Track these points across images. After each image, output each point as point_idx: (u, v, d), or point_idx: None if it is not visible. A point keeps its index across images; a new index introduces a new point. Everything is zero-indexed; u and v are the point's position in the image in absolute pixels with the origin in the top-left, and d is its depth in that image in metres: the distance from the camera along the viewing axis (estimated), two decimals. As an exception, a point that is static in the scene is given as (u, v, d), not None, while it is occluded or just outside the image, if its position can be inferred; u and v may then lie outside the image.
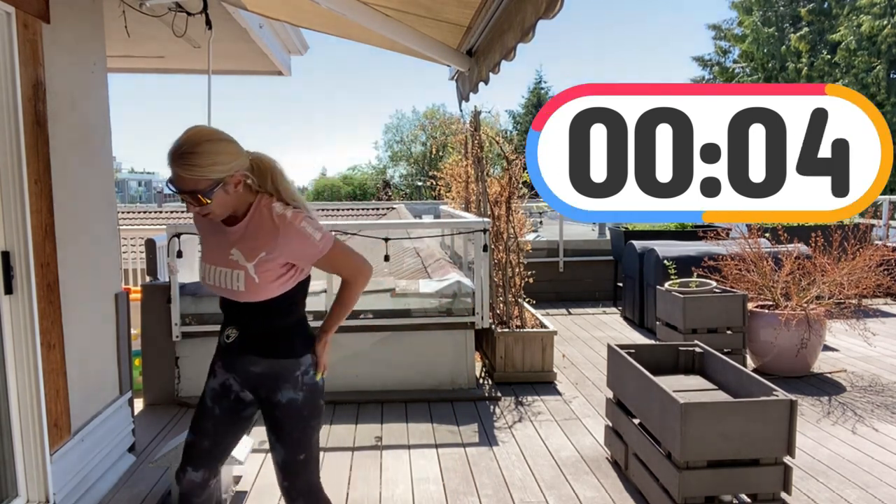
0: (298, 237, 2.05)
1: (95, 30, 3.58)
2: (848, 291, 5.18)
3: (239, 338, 2.14)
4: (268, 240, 2.03)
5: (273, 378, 2.14)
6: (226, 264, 2.08)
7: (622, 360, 3.56)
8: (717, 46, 31.92)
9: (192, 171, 1.92)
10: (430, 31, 3.99)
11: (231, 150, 2.00)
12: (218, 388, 2.23)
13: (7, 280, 2.70)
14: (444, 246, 8.05)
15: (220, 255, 2.10)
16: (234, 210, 2.06)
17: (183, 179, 1.93)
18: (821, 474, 3.52)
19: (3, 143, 2.66)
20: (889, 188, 23.31)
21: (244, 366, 2.16)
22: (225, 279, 2.08)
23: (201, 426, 2.24)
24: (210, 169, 1.93)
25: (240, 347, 2.15)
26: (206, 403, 2.24)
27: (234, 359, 2.18)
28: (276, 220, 2.04)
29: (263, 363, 2.14)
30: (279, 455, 2.20)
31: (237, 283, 2.06)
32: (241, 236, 2.07)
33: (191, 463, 2.24)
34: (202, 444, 2.24)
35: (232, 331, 2.15)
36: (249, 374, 2.16)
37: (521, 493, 3.36)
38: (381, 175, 44.78)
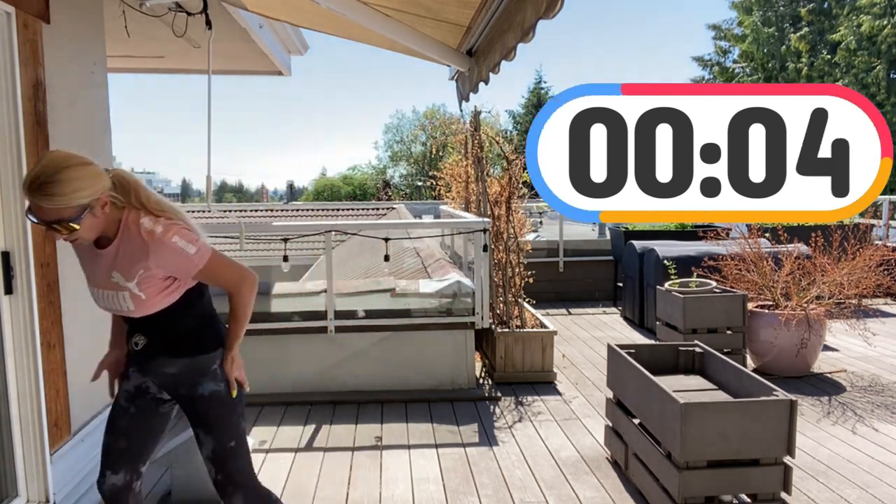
0: (170, 252, 2.01)
1: (95, 30, 3.58)
2: (848, 291, 5.18)
3: (147, 343, 2.15)
4: (141, 257, 2.00)
5: (190, 375, 2.16)
6: (109, 287, 2.06)
7: (622, 360, 3.56)
8: (717, 46, 31.92)
9: (55, 200, 1.84)
10: (430, 31, 3.99)
11: (92, 172, 1.92)
12: (132, 390, 2.21)
13: (7, 280, 2.70)
14: (444, 246, 8.05)
15: (102, 278, 2.06)
16: (104, 231, 2.00)
17: (45, 210, 1.86)
18: (821, 474, 3.52)
19: (3, 143, 2.66)
20: (889, 188, 23.34)
21: (159, 368, 2.17)
22: (113, 301, 2.07)
23: (116, 426, 2.22)
24: (74, 196, 1.86)
25: (150, 352, 2.16)
26: (121, 404, 2.22)
27: (147, 363, 2.18)
28: (145, 237, 1.99)
29: (177, 363, 2.16)
30: (208, 447, 2.19)
31: (125, 303, 2.06)
32: (115, 257, 2.03)
33: (109, 467, 2.20)
34: (118, 444, 2.21)
35: (139, 338, 2.15)
36: (165, 375, 2.18)
37: (521, 493, 3.36)
38: (381, 175, 44.79)
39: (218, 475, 2.20)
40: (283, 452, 3.89)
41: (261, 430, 4.21)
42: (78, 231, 1.92)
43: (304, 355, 4.87)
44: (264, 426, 4.29)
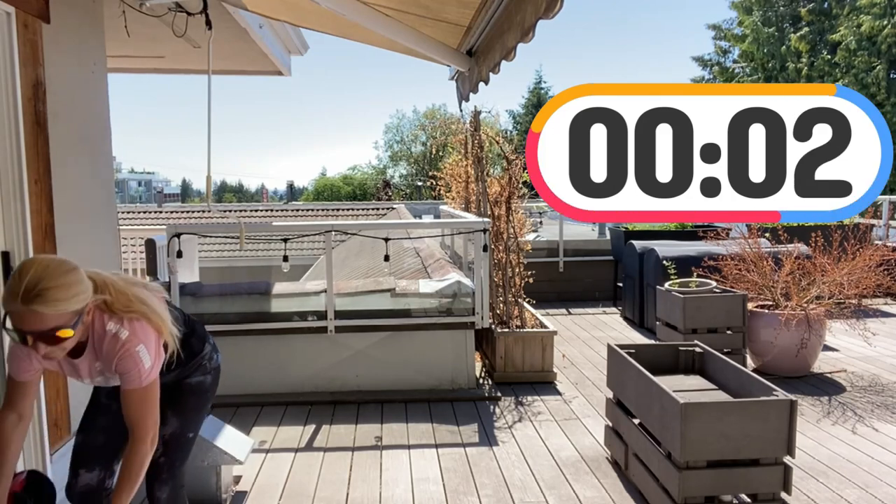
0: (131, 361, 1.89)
1: (95, 30, 3.58)
2: (848, 291, 5.18)
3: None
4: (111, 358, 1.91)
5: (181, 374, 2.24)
6: (99, 374, 2.00)
7: (622, 360, 3.56)
8: (717, 46, 31.92)
9: (56, 305, 1.71)
10: (430, 31, 3.99)
11: (82, 275, 1.81)
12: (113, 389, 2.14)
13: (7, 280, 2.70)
14: (444, 246, 8.05)
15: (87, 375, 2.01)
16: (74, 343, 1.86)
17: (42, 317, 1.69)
18: (821, 474, 3.52)
19: (3, 143, 2.66)
20: (889, 188, 23.33)
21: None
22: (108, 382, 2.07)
23: (96, 423, 2.19)
24: (74, 300, 1.75)
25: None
26: (101, 401, 2.20)
27: None
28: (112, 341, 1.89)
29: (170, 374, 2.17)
30: (171, 427, 2.20)
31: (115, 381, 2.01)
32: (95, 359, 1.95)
33: (84, 465, 2.17)
34: (96, 440, 2.18)
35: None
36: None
37: (521, 493, 3.36)
38: (381, 175, 44.80)
39: (162, 457, 2.19)
40: (283, 452, 3.89)
41: (261, 430, 4.21)
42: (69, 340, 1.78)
43: (304, 355, 4.87)
44: (264, 426, 4.29)
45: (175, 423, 2.21)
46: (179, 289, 4.66)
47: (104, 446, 2.20)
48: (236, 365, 4.75)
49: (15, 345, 1.85)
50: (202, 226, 7.02)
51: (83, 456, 2.18)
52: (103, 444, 2.19)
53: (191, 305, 4.79)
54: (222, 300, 5.02)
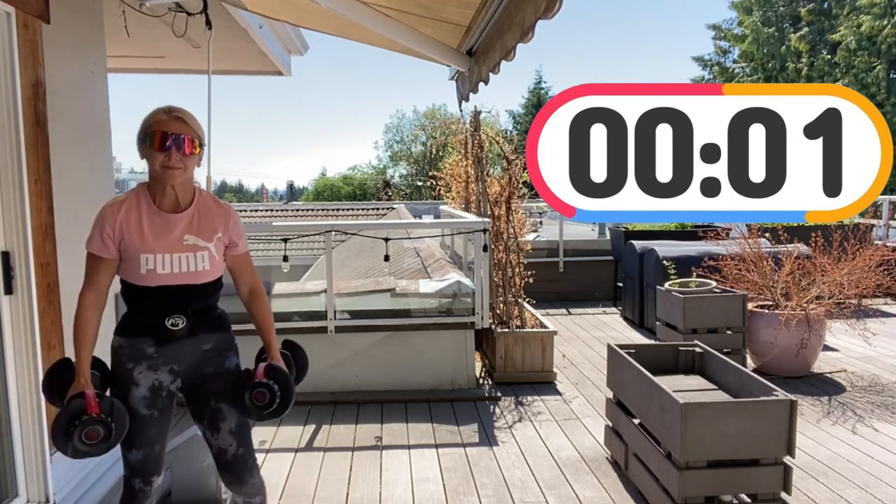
0: (240, 225, 2.30)
1: (95, 30, 3.58)
2: (848, 291, 5.18)
3: (188, 322, 2.19)
4: (220, 221, 2.22)
5: (221, 350, 2.29)
6: (183, 249, 2.15)
7: (622, 360, 3.56)
8: (717, 46, 31.92)
9: (193, 120, 2.14)
10: (430, 31, 3.99)
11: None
12: (148, 395, 2.19)
13: (7, 280, 2.70)
14: (444, 246, 8.05)
15: (171, 242, 2.15)
16: (181, 193, 2.17)
17: (182, 124, 2.09)
18: (821, 474, 3.52)
19: (3, 143, 2.66)
20: (889, 188, 23.29)
21: (194, 347, 2.23)
22: (185, 263, 2.15)
23: (148, 435, 2.21)
24: (198, 128, 2.16)
25: (192, 330, 2.20)
26: (142, 412, 2.19)
27: (180, 345, 2.20)
28: (224, 206, 2.27)
29: (215, 337, 2.27)
30: (232, 420, 2.26)
31: (202, 263, 2.17)
32: (192, 221, 2.18)
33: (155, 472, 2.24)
34: (155, 449, 2.23)
35: (177, 318, 2.17)
36: (198, 354, 2.24)
37: (521, 493, 3.36)
38: (381, 175, 44.80)
39: (239, 448, 2.26)
40: (283, 452, 3.89)
41: (261, 430, 4.21)
42: (187, 161, 2.11)
43: (304, 355, 4.86)
44: (264, 426, 4.29)
45: (234, 415, 2.27)
46: (179, 289, 4.65)
47: (161, 452, 2.27)
48: (236, 365, 4.76)
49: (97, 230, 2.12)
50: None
51: (152, 467, 2.24)
52: (160, 450, 2.26)
53: (191, 305, 4.79)
54: (222, 300, 5.01)
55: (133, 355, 2.19)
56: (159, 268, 2.13)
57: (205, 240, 2.18)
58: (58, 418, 2.02)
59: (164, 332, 2.17)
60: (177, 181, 2.13)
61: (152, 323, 2.17)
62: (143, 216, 2.14)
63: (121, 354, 2.21)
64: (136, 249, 2.12)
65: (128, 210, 2.13)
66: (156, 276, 2.14)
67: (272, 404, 2.20)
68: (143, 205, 2.15)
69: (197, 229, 2.17)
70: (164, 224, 2.14)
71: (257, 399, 2.19)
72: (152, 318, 2.17)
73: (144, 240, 2.13)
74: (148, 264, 2.13)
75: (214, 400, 2.25)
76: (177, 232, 2.15)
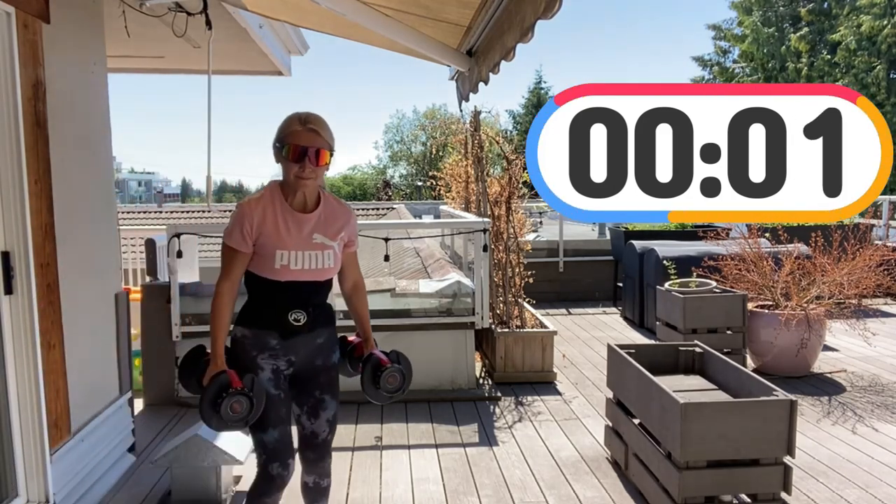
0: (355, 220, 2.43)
1: (95, 30, 3.58)
2: (848, 291, 5.18)
3: (308, 317, 2.31)
4: (343, 222, 2.36)
5: (331, 343, 2.44)
6: (312, 247, 2.28)
7: (622, 360, 3.56)
8: (717, 46, 31.92)
9: (326, 131, 2.22)
10: (430, 31, 3.99)
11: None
12: (272, 377, 2.32)
13: (7, 280, 2.70)
14: (444, 246, 8.05)
15: (302, 240, 2.27)
16: (309, 194, 2.29)
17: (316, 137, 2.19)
18: (821, 474, 3.51)
19: (3, 143, 2.66)
20: (889, 188, 23.24)
21: (311, 341, 2.36)
22: (315, 260, 2.29)
23: (281, 416, 2.33)
24: (331, 138, 2.26)
25: (311, 325, 2.33)
26: (272, 392, 2.31)
27: (300, 339, 2.33)
28: (345, 206, 2.42)
29: (326, 332, 2.40)
30: (331, 410, 2.45)
31: (328, 261, 2.31)
32: (320, 221, 2.30)
33: (292, 454, 2.38)
34: (287, 430, 2.36)
35: (299, 313, 2.30)
36: (313, 347, 2.37)
37: (521, 493, 3.36)
38: (381, 175, 44.78)
39: (329, 435, 2.46)
40: (283, 452, 3.89)
41: (261, 430, 4.20)
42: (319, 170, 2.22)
43: (304, 355, 4.87)
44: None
45: (333, 405, 2.45)
46: (179, 289, 4.66)
47: (290, 434, 2.39)
48: (236, 365, 4.76)
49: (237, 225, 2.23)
50: (202, 226, 7.01)
51: (287, 448, 2.36)
52: (290, 431, 2.39)
53: (191, 305, 4.79)
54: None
55: (257, 345, 2.31)
56: (292, 263, 2.26)
57: (331, 239, 2.31)
58: (206, 391, 2.16)
59: (288, 326, 2.30)
60: (308, 189, 2.26)
61: (277, 317, 2.30)
62: (279, 214, 2.26)
63: (245, 343, 2.32)
64: (272, 246, 2.25)
65: (264, 208, 2.24)
66: (288, 272, 2.26)
67: (401, 387, 2.45)
68: (277, 203, 2.26)
69: (324, 229, 2.30)
70: (296, 222, 2.27)
71: (390, 382, 2.43)
72: (277, 312, 2.30)
73: (280, 236, 2.25)
74: (282, 260, 2.25)
75: (319, 391, 2.41)
76: (307, 231, 2.28)
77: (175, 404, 4.68)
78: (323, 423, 2.44)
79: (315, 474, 2.49)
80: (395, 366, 2.44)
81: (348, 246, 2.43)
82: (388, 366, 2.43)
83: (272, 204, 2.26)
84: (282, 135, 2.21)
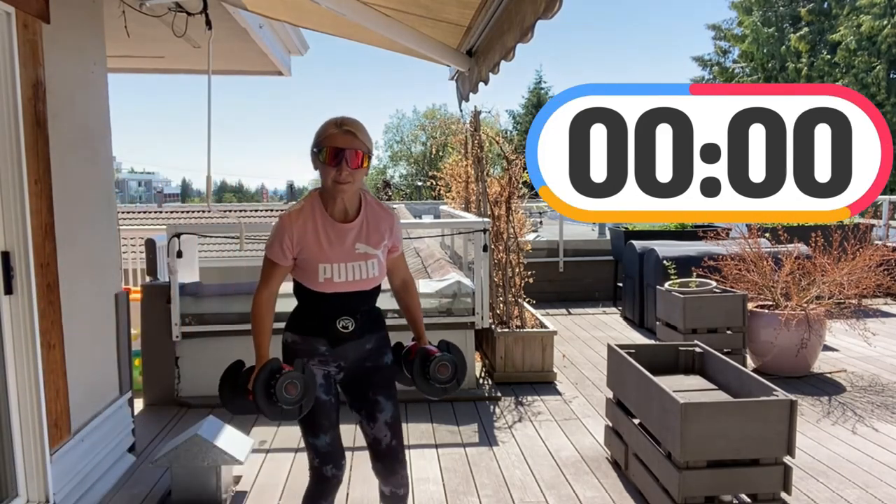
0: (400, 226, 2.38)
1: (95, 30, 3.58)
2: (848, 291, 5.18)
3: (356, 323, 2.30)
4: (386, 227, 2.31)
5: (380, 347, 2.41)
6: (355, 258, 2.26)
7: (622, 360, 3.55)
8: (717, 46, 31.91)
9: (363, 133, 2.17)
10: (430, 31, 3.99)
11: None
12: (323, 382, 2.33)
13: (7, 280, 2.70)
14: (444, 246, 8.06)
15: (345, 252, 2.25)
16: (349, 201, 2.25)
17: (353, 139, 2.14)
18: (821, 474, 3.51)
19: (3, 143, 2.66)
20: (889, 188, 23.25)
21: (360, 346, 2.35)
22: (359, 271, 2.26)
23: (332, 420, 2.34)
24: (368, 140, 2.19)
25: (360, 331, 2.32)
26: (322, 398, 2.32)
27: (349, 345, 2.33)
28: (387, 210, 2.34)
29: (375, 337, 2.39)
30: (388, 412, 2.39)
31: (372, 270, 2.28)
32: (362, 229, 2.26)
33: (343, 455, 2.38)
34: (337, 433, 2.37)
35: (347, 320, 2.29)
36: (362, 351, 2.36)
37: (521, 493, 3.36)
38: (381, 175, 44.77)
39: (393, 440, 2.40)
40: (283, 452, 3.89)
41: (261, 430, 4.20)
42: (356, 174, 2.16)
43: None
44: (264, 426, 4.28)
45: (390, 407, 2.40)
46: (179, 289, 4.66)
47: (340, 436, 2.40)
48: (236, 365, 4.75)
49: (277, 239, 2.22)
50: (202, 226, 7.02)
51: (339, 451, 2.38)
52: (340, 435, 2.40)
53: (191, 305, 4.79)
54: (222, 300, 5.02)
55: (307, 351, 2.32)
56: (336, 276, 2.24)
57: (374, 247, 2.27)
58: (257, 379, 2.15)
59: (336, 333, 2.29)
60: (346, 194, 2.21)
61: (325, 325, 2.30)
62: (319, 227, 2.22)
63: (296, 349, 2.34)
64: (314, 260, 2.23)
65: (304, 221, 2.21)
66: (332, 284, 2.25)
67: (453, 378, 2.35)
68: (317, 214, 2.23)
69: (366, 238, 2.26)
70: (337, 234, 2.24)
71: (441, 371, 2.33)
72: (325, 319, 2.30)
73: (322, 250, 2.23)
74: (326, 273, 2.24)
75: (373, 392, 2.38)
76: (349, 241, 2.24)
77: (175, 404, 4.68)
78: (382, 427, 2.39)
79: (390, 485, 2.46)
80: (444, 354, 2.36)
81: (393, 251, 2.39)
82: (437, 354, 2.35)
83: (312, 216, 2.22)
84: (318, 139, 2.18)
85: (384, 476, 2.44)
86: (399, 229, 2.38)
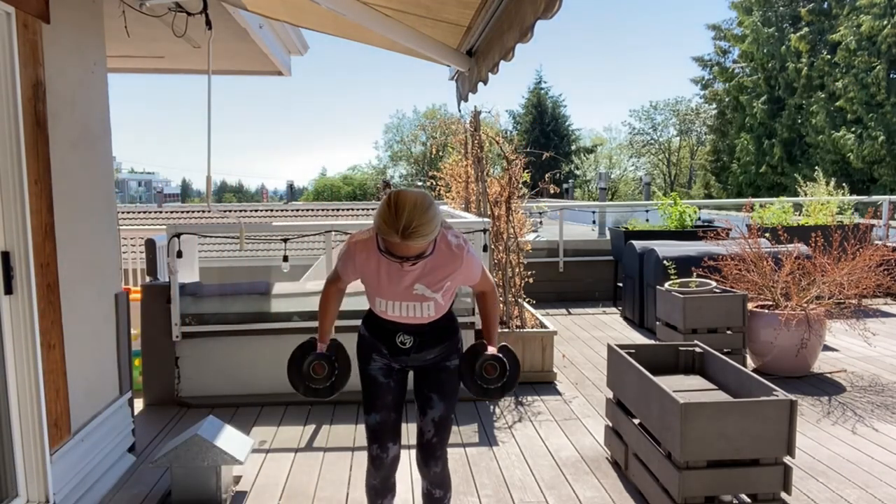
0: (475, 265, 2.33)
1: (95, 30, 3.58)
2: (848, 291, 5.18)
3: (415, 341, 2.37)
4: (450, 270, 2.25)
5: (445, 354, 2.45)
6: (412, 298, 2.27)
7: (622, 360, 3.56)
8: (717, 46, 31.96)
9: (425, 238, 2.05)
10: (430, 31, 3.99)
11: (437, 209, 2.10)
12: (384, 367, 2.43)
13: (7, 280, 2.70)
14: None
15: (401, 291, 2.25)
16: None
17: (415, 248, 2.06)
18: (821, 474, 3.52)
19: (3, 143, 2.66)
20: (889, 188, 23.27)
21: (420, 356, 2.42)
22: (414, 311, 2.29)
23: (386, 402, 2.43)
24: (434, 231, 2.08)
25: (419, 347, 2.39)
26: (380, 380, 2.40)
27: (407, 356, 2.41)
28: (456, 251, 2.24)
29: (439, 348, 2.42)
30: (437, 411, 2.43)
31: (428, 311, 2.30)
32: (424, 271, 2.22)
33: (391, 438, 2.45)
34: (391, 417, 2.45)
35: (406, 338, 2.36)
36: (425, 359, 2.44)
37: (520, 493, 3.36)
38: (381, 175, 44.79)
39: (434, 437, 2.44)
40: (283, 452, 3.89)
41: (261, 430, 4.21)
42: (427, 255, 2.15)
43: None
44: (264, 426, 4.29)
45: (441, 407, 2.44)
46: (179, 289, 4.66)
47: (396, 421, 2.48)
48: (236, 365, 4.75)
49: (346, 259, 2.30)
50: (202, 226, 7.02)
51: (388, 431, 2.45)
52: (395, 419, 2.47)
53: (191, 305, 4.79)
54: (222, 300, 5.02)
55: (373, 347, 2.45)
56: (390, 311, 2.31)
57: (433, 291, 2.26)
58: (291, 357, 2.31)
59: (395, 346, 2.39)
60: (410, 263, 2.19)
61: (385, 335, 2.39)
62: (381, 262, 2.22)
63: (365, 340, 2.47)
64: (372, 292, 2.32)
65: (368, 254, 2.23)
66: (388, 315, 2.33)
67: (500, 380, 2.35)
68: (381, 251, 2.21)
69: (427, 280, 2.24)
70: (397, 273, 2.23)
71: (487, 371, 2.34)
72: (385, 332, 2.39)
73: (380, 286, 2.28)
74: (381, 306, 2.33)
75: (429, 389, 2.45)
76: (406, 282, 2.24)
77: (175, 404, 4.68)
78: (428, 422, 2.44)
79: (427, 480, 2.52)
80: (495, 355, 2.34)
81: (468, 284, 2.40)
82: (488, 354, 2.35)
83: (375, 251, 2.19)
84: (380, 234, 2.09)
85: (420, 466, 2.51)
86: (470, 269, 2.31)
